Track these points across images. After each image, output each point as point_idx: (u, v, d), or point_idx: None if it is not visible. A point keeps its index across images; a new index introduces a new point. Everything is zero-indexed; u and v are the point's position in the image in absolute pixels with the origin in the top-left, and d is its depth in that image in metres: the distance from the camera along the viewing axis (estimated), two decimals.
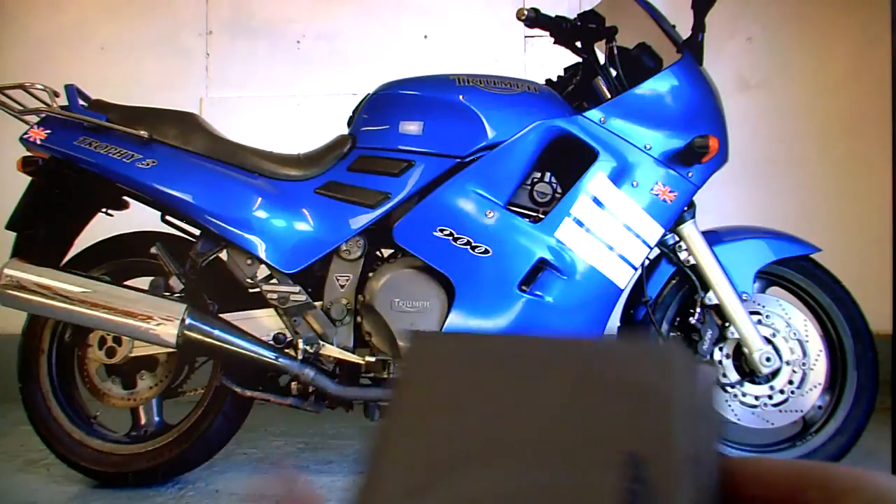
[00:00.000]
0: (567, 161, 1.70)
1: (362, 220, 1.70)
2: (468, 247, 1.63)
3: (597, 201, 1.65)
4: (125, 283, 1.75)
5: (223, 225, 1.69)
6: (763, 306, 1.79)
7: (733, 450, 1.78)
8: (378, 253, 1.81)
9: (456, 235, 1.64)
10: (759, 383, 1.77)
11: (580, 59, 1.78)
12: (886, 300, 1.97)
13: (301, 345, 1.70)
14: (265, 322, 1.76)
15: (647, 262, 1.75)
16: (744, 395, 1.77)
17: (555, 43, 1.77)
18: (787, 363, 1.76)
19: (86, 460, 1.82)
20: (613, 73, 1.75)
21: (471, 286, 1.63)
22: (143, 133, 1.71)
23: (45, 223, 1.76)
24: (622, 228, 1.66)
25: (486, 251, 1.63)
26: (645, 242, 1.67)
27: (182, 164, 1.72)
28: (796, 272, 1.82)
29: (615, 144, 1.67)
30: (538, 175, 1.75)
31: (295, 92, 3.04)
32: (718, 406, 1.77)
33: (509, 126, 1.65)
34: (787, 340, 1.77)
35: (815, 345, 1.77)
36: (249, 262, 1.73)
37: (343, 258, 1.73)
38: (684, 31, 1.77)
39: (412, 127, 1.69)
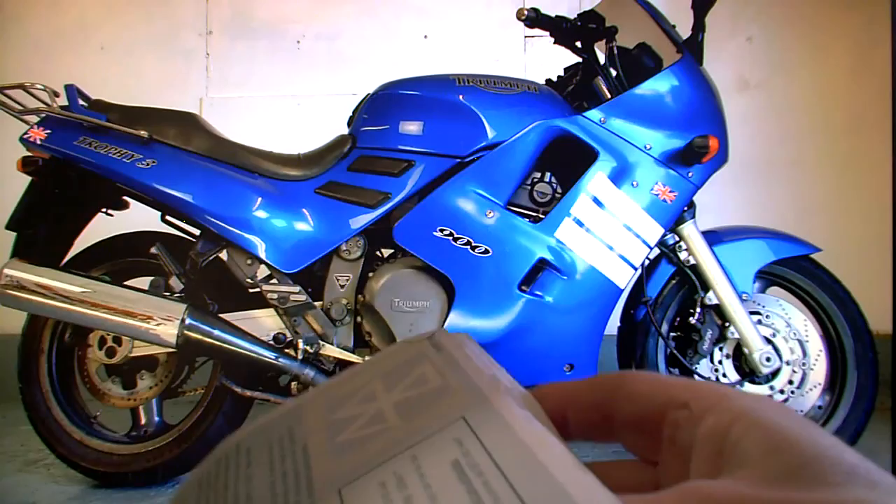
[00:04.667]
0: (567, 161, 1.70)
1: (362, 220, 1.70)
2: (468, 247, 1.63)
3: (597, 201, 1.65)
4: (125, 283, 1.75)
5: (223, 225, 1.69)
6: (763, 306, 1.79)
7: None
8: (378, 253, 1.81)
9: (456, 235, 1.64)
10: (759, 383, 1.77)
11: (580, 59, 1.78)
12: (886, 300, 1.97)
13: (301, 345, 1.70)
14: (265, 322, 1.76)
15: (647, 262, 1.75)
16: None
17: (555, 43, 1.77)
18: (787, 363, 1.76)
19: (86, 460, 1.82)
20: (613, 73, 1.75)
21: (471, 286, 1.63)
22: (143, 133, 1.71)
23: (45, 223, 1.76)
24: (622, 228, 1.66)
25: (486, 251, 1.63)
26: (645, 242, 1.67)
27: (182, 164, 1.72)
28: (796, 272, 1.82)
29: (615, 144, 1.67)
30: (538, 175, 1.75)
31: (295, 92, 3.04)
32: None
33: (509, 126, 1.65)
34: (787, 340, 1.77)
35: (815, 345, 1.77)
36: (249, 262, 1.73)
37: (343, 258, 1.73)
38: (684, 31, 1.77)
39: (412, 127, 1.69)
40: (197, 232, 1.81)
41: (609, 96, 1.71)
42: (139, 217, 1.93)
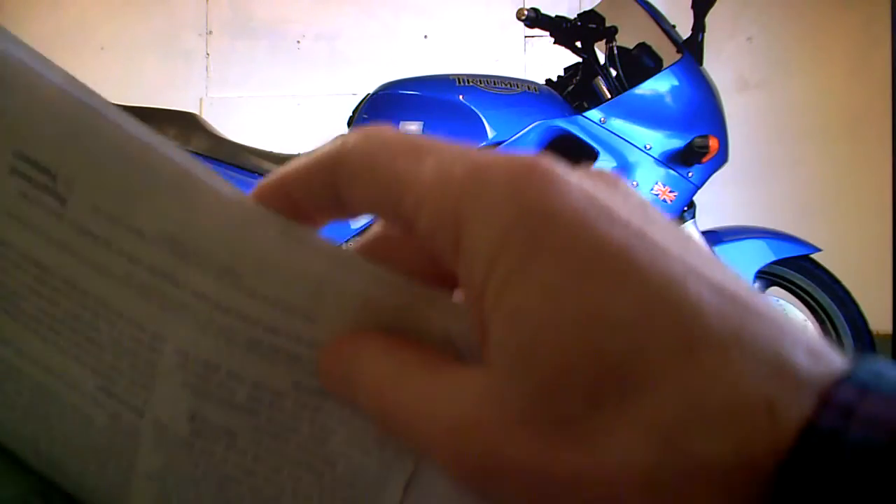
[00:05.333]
0: (567, 161, 1.70)
1: (362, 219, 1.70)
2: None
3: None
4: None
5: None
6: None
7: None
8: None
9: None
10: None
11: (580, 59, 1.78)
12: (886, 300, 1.98)
13: None
14: None
15: None
16: None
17: (555, 43, 1.77)
18: None
19: None
20: (613, 73, 1.75)
21: None
22: None
23: None
24: None
25: None
26: None
27: None
28: (796, 272, 1.82)
29: (615, 144, 1.67)
30: None
31: (295, 92, 3.04)
32: None
33: (509, 126, 1.65)
34: None
35: None
36: None
37: None
38: (684, 31, 1.77)
39: (412, 127, 1.69)
40: None
41: (609, 96, 1.71)
42: None
